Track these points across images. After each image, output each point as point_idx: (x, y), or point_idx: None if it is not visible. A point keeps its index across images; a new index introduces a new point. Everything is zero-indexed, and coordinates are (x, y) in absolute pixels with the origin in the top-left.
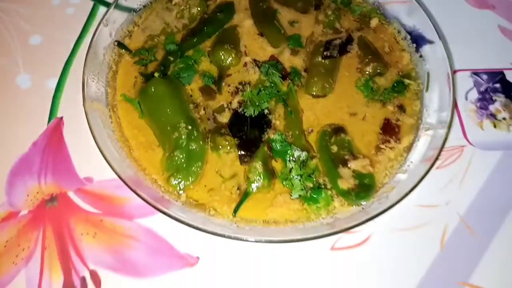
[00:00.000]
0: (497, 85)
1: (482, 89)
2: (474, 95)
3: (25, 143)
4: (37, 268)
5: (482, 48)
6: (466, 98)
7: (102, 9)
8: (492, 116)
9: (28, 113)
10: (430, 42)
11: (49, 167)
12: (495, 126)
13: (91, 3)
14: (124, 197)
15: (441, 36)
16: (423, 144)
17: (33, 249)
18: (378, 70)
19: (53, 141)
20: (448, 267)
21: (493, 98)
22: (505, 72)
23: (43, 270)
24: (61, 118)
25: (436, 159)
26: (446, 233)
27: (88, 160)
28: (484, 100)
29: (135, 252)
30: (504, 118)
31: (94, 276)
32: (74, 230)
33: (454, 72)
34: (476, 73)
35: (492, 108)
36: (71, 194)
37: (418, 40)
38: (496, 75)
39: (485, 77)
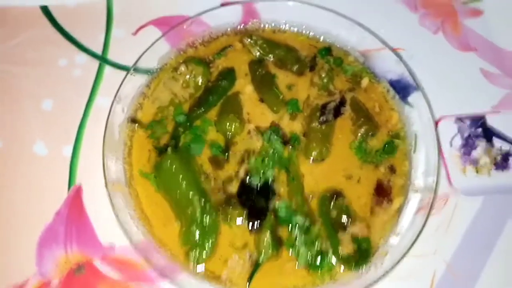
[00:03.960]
0: (479, 130)
1: (465, 134)
2: (458, 141)
3: (48, 212)
4: None
5: (466, 92)
6: (451, 145)
7: (108, 69)
8: (475, 161)
9: (49, 181)
10: (417, 90)
11: (73, 236)
12: (477, 171)
13: (97, 63)
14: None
15: (426, 98)
16: (412, 207)
17: None
18: (371, 133)
19: (74, 209)
20: None
21: (475, 143)
22: (487, 116)
23: None
24: (80, 185)
25: (424, 225)
26: (434, 279)
27: (109, 226)
28: (468, 146)
29: None
30: (485, 163)
31: None
32: None
33: (439, 119)
34: (460, 118)
35: (474, 153)
36: (97, 262)
37: (407, 88)
38: (478, 120)
39: (468, 122)
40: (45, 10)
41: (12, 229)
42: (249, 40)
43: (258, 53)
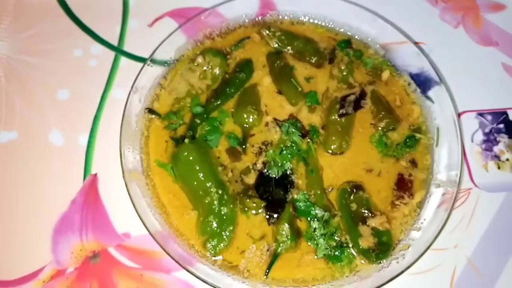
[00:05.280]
0: (501, 126)
1: (487, 130)
2: (479, 136)
3: (64, 201)
4: None
5: (487, 87)
6: (472, 140)
7: (123, 60)
8: (496, 157)
9: (64, 170)
10: (439, 84)
11: (89, 224)
12: (499, 168)
13: (113, 54)
14: (161, 251)
15: (449, 92)
16: (434, 201)
17: None
18: (391, 126)
19: (90, 198)
20: None
21: (497, 139)
22: (508, 112)
23: None
24: (95, 174)
25: (447, 219)
26: (455, 275)
27: (124, 215)
28: (489, 142)
29: None
30: (507, 159)
31: None
32: (117, 285)
33: (460, 114)
34: (481, 114)
35: (496, 149)
36: (112, 250)
37: (427, 82)
38: (500, 115)
39: (489, 117)
40: (61, 1)
41: (28, 217)
42: (267, 31)
43: (276, 45)
